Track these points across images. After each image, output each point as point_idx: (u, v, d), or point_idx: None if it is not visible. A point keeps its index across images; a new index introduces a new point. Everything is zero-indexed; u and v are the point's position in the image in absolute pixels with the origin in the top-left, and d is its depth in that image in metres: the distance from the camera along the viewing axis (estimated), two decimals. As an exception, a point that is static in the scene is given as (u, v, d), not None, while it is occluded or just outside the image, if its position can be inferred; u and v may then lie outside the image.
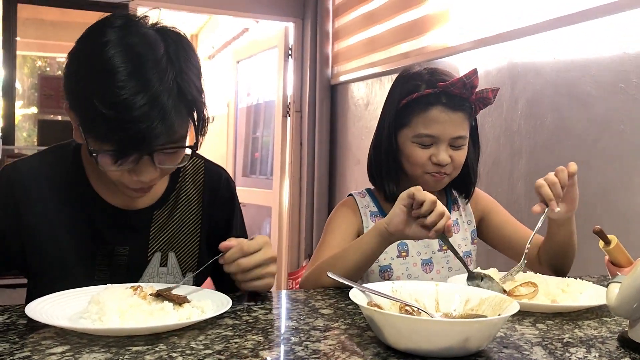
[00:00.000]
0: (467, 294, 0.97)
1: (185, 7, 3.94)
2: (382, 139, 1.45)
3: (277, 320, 1.00)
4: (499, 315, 0.88)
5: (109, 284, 1.01)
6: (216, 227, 1.27)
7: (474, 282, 1.15)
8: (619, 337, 0.91)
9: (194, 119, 1.08)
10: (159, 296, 0.96)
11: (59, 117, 4.17)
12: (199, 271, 1.16)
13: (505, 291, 1.13)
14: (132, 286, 0.99)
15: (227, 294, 1.03)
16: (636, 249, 1.28)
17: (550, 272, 1.36)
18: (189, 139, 1.10)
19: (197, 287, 1.11)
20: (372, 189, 1.53)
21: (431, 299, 0.97)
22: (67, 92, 1.05)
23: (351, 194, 1.52)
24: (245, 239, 1.10)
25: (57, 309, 0.94)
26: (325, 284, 1.24)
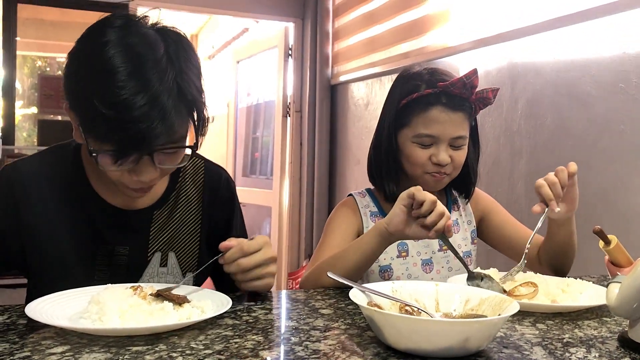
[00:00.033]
0: (467, 294, 0.97)
1: (185, 7, 3.94)
2: (382, 139, 1.45)
3: (277, 320, 1.00)
4: (499, 315, 0.88)
5: (109, 284, 1.01)
6: (216, 227, 1.27)
7: (474, 282, 1.15)
8: (619, 337, 0.91)
9: (194, 119, 1.08)
10: (159, 296, 0.96)
11: (59, 117, 4.17)
12: (198, 271, 1.17)
13: (505, 291, 1.13)
14: (132, 286, 0.99)
15: (227, 294, 1.03)
16: (636, 249, 1.28)
17: (550, 272, 1.36)
18: (189, 139, 1.11)
19: (197, 287, 1.11)
20: (372, 189, 1.53)
21: (431, 299, 0.97)
22: (67, 92, 1.05)
23: (351, 194, 1.52)
24: (245, 239, 1.10)
25: (57, 309, 0.94)
26: (325, 284, 1.24)
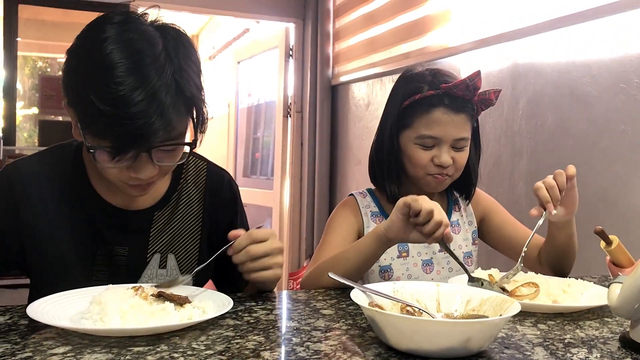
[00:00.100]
0: (468, 294, 0.97)
1: (186, 7, 3.94)
2: (383, 139, 1.45)
3: (279, 320, 1.00)
4: (500, 315, 0.88)
5: (110, 285, 1.02)
6: (218, 229, 1.26)
7: (475, 285, 1.15)
8: (620, 337, 0.91)
9: (193, 116, 1.08)
10: (160, 297, 0.96)
11: (60, 118, 4.18)
12: (206, 263, 1.14)
13: (506, 291, 1.13)
14: (134, 286, 0.99)
15: (229, 295, 1.03)
16: (637, 249, 1.27)
17: (550, 273, 1.36)
18: (189, 137, 1.10)
19: (198, 287, 1.10)
20: (373, 189, 1.53)
21: (432, 299, 0.97)
22: (65, 88, 1.05)
23: (352, 194, 1.52)
24: (253, 229, 1.11)
25: (58, 309, 0.94)
26: (325, 284, 1.24)
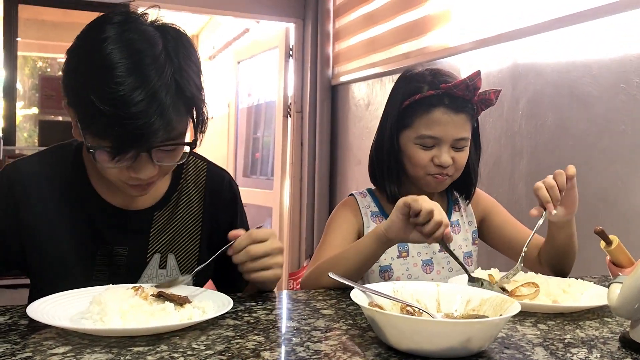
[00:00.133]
0: (468, 294, 0.97)
1: (186, 7, 3.94)
2: (383, 139, 1.44)
3: (279, 320, 1.00)
4: (501, 315, 0.88)
5: (110, 285, 1.02)
6: (218, 230, 1.26)
7: (475, 285, 1.15)
8: (620, 337, 0.91)
9: (193, 116, 1.08)
10: (160, 297, 0.96)
11: (60, 118, 4.18)
12: (207, 263, 1.14)
13: (506, 291, 1.13)
14: (134, 286, 0.99)
15: (229, 295, 1.03)
16: (637, 249, 1.27)
17: (550, 273, 1.36)
18: (189, 137, 1.10)
19: (198, 287, 1.10)
20: (373, 189, 1.53)
21: (432, 299, 0.97)
22: (65, 88, 1.05)
23: (352, 194, 1.52)
24: (253, 229, 1.11)
25: (58, 309, 0.94)
26: (324, 284, 1.24)
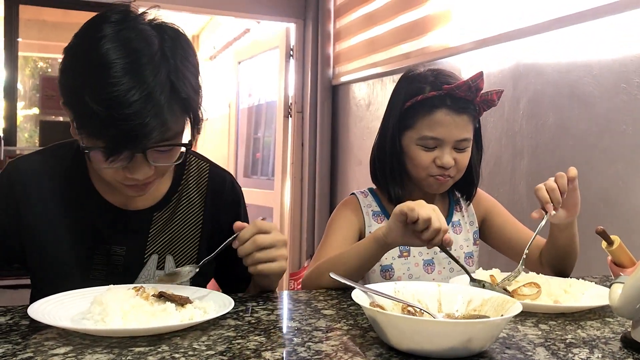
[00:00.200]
0: (469, 294, 0.97)
1: (186, 7, 3.94)
2: (385, 140, 1.44)
3: (280, 321, 1.00)
4: (502, 315, 0.88)
5: (112, 285, 1.02)
6: (220, 231, 1.24)
7: (476, 286, 1.15)
8: (621, 337, 0.91)
9: (190, 117, 1.07)
10: (162, 297, 0.96)
11: (60, 118, 4.18)
12: (214, 254, 1.12)
13: (508, 291, 1.13)
14: (135, 287, 0.99)
15: (232, 295, 1.02)
16: (639, 249, 1.27)
17: (551, 274, 1.35)
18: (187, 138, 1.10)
19: (199, 287, 1.10)
20: (375, 188, 1.53)
21: (434, 299, 0.97)
22: (61, 87, 1.04)
23: (354, 193, 1.51)
24: (257, 219, 1.11)
25: (59, 309, 0.94)
26: (324, 285, 1.24)
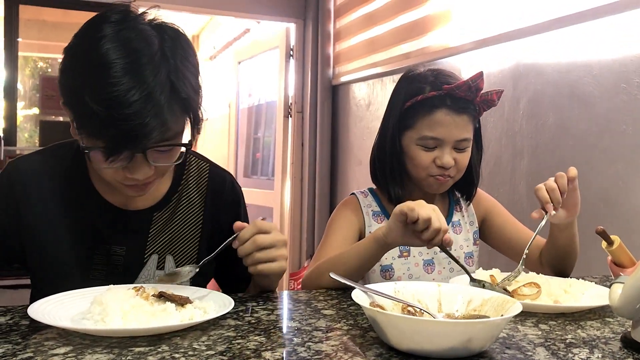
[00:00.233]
0: (469, 294, 0.97)
1: (186, 7, 3.94)
2: (385, 140, 1.44)
3: (280, 321, 1.00)
4: (502, 315, 0.88)
5: (112, 285, 1.01)
6: (220, 231, 1.24)
7: (476, 286, 1.15)
8: (622, 337, 0.91)
9: (190, 117, 1.07)
10: (162, 297, 0.96)
11: (61, 118, 4.18)
12: (214, 253, 1.12)
13: (508, 291, 1.13)
14: (135, 287, 0.99)
15: (233, 295, 1.02)
16: (639, 249, 1.27)
17: (551, 274, 1.35)
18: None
19: (199, 287, 1.10)
20: (375, 188, 1.53)
21: (434, 299, 0.97)
22: (61, 87, 1.04)
23: (354, 193, 1.51)
24: (257, 219, 1.10)
25: (59, 309, 0.94)
26: (324, 285, 1.24)
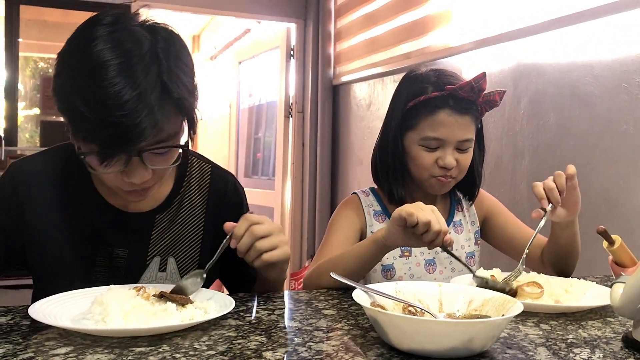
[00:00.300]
0: (470, 294, 0.97)
1: (187, 7, 3.94)
2: (387, 140, 1.44)
3: (280, 321, 1.00)
4: (503, 315, 0.88)
5: (112, 285, 1.01)
6: (222, 233, 1.21)
7: (479, 281, 1.15)
8: (623, 337, 0.91)
9: (184, 117, 1.06)
10: (162, 297, 0.96)
11: (61, 119, 4.17)
12: (215, 256, 1.10)
13: (512, 287, 1.13)
14: (135, 287, 0.99)
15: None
16: (640, 249, 1.27)
17: (553, 274, 1.36)
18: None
19: (200, 287, 1.10)
20: (376, 188, 1.53)
21: (434, 299, 0.97)
22: (55, 93, 1.03)
23: (355, 192, 1.51)
24: (246, 214, 1.10)
25: (60, 309, 0.94)
26: (324, 284, 1.24)
